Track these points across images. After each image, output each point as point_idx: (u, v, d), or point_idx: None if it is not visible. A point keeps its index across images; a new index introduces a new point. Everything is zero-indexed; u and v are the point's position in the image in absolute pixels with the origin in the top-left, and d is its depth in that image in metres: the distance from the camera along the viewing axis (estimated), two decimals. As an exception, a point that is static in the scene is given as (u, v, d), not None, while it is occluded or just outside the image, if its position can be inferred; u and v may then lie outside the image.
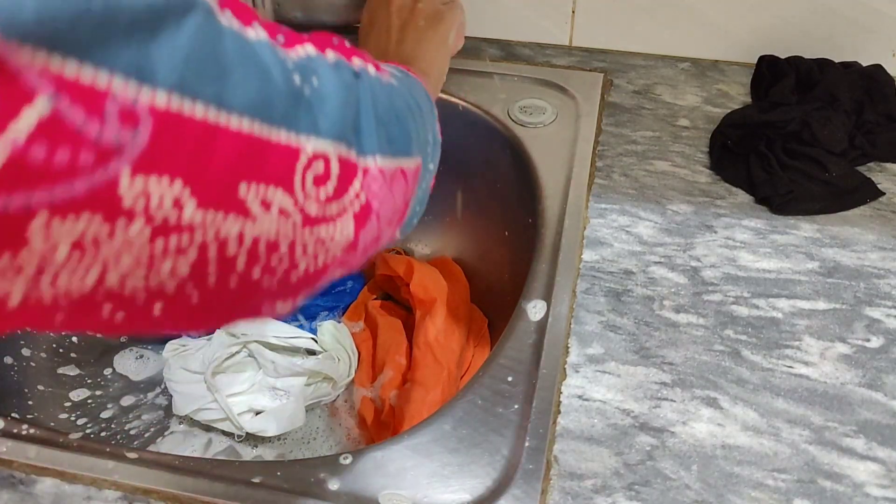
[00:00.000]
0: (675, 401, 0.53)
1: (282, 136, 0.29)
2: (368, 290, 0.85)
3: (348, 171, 0.33)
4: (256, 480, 0.49)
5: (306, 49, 0.32)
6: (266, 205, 0.29)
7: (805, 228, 0.64)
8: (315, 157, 0.31)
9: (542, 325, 0.57)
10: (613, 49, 0.84)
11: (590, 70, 0.81)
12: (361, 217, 0.34)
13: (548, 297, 0.59)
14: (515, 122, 0.75)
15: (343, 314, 0.82)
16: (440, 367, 0.72)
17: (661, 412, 0.52)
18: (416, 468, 0.49)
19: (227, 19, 0.28)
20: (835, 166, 0.67)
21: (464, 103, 0.77)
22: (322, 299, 0.81)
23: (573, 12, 0.82)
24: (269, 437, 0.72)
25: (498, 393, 0.53)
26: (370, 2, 0.61)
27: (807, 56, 0.77)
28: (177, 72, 0.24)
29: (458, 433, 0.51)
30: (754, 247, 0.63)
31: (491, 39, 0.86)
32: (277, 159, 0.29)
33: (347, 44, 0.38)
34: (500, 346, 0.56)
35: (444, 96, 0.78)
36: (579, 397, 0.53)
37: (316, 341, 0.77)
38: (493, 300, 0.80)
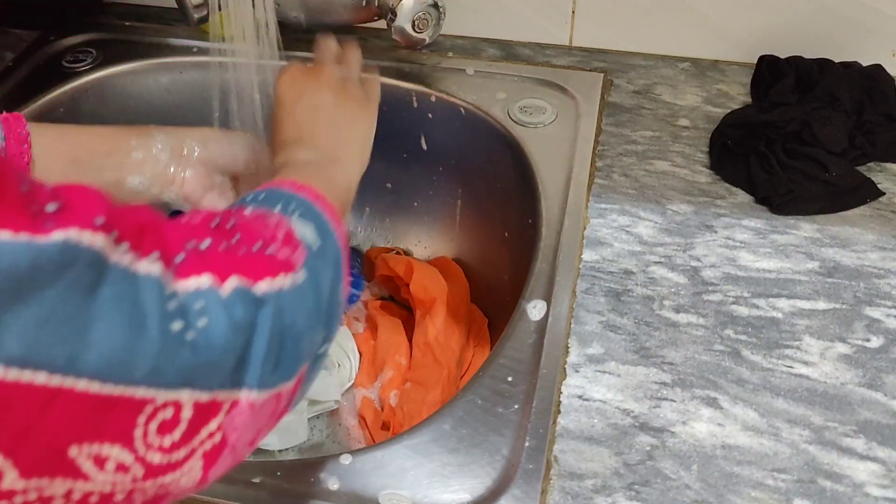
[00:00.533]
0: (675, 401, 0.53)
1: (137, 391, 0.26)
2: (369, 290, 0.85)
3: (204, 413, 0.30)
4: (256, 480, 0.49)
5: (200, 281, 0.30)
6: (100, 462, 0.26)
7: (805, 228, 0.64)
8: (164, 405, 0.28)
9: (542, 325, 0.57)
10: (613, 49, 0.84)
11: (590, 70, 0.81)
12: (213, 454, 0.31)
13: (548, 297, 0.59)
14: (515, 122, 0.75)
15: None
16: (440, 367, 0.72)
17: (661, 412, 0.52)
18: (416, 468, 0.49)
19: (119, 255, 0.26)
20: (835, 166, 0.67)
21: (464, 103, 0.77)
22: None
23: (573, 12, 0.82)
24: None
25: (498, 393, 0.53)
26: (291, 69, 0.55)
27: (807, 56, 0.76)
28: (26, 342, 0.22)
29: (458, 433, 0.51)
30: (754, 247, 0.63)
31: (491, 39, 0.86)
32: (119, 414, 0.26)
33: (275, 251, 0.34)
34: (500, 346, 0.56)
35: (444, 96, 0.78)
36: (579, 397, 0.53)
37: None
38: (493, 300, 0.80)
